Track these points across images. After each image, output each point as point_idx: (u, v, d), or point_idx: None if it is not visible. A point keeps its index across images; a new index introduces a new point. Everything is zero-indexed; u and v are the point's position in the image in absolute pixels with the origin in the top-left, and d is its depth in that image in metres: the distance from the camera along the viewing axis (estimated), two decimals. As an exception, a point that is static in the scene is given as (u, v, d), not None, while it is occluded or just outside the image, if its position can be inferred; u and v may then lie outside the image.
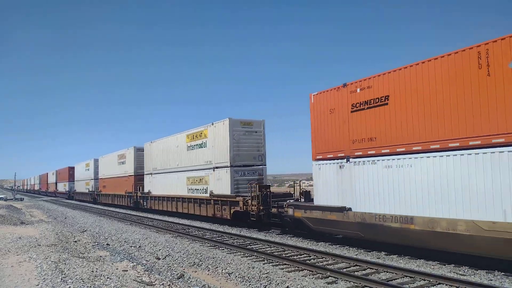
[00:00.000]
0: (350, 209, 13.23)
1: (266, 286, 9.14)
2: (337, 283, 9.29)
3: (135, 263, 11.01)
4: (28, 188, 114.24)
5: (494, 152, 9.57)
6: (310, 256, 12.18)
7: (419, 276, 9.37)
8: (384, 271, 10.07)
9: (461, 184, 10.15)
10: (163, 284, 8.64)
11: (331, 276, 9.73)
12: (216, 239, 16.07)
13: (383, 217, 12.02)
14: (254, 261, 11.69)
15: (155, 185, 30.03)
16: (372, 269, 10.33)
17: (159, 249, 13.98)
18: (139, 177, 33.33)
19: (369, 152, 12.80)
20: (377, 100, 12.70)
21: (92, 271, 9.30)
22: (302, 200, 16.70)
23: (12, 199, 57.64)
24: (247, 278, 9.77)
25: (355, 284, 9.07)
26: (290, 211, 16.01)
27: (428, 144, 11.09)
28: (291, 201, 16.95)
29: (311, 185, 16.68)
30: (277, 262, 11.49)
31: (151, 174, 30.76)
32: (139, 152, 33.57)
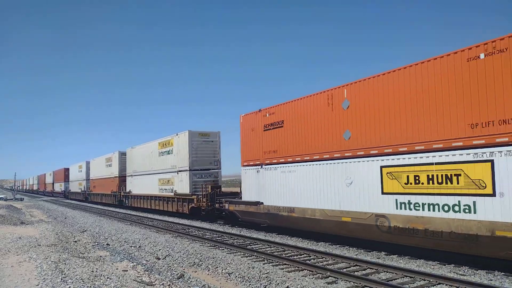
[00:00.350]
0: (262, 203, 17.58)
1: (266, 286, 9.14)
2: (337, 283, 9.29)
3: (135, 263, 11.01)
4: (27, 188, 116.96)
5: (325, 164, 14.34)
6: (310, 256, 12.18)
7: (419, 276, 9.37)
8: (384, 271, 10.07)
9: (318, 185, 14.69)
10: (163, 284, 8.64)
11: (331, 276, 9.73)
12: (216, 239, 16.08)
13: (279, 208, 16.57)
14: (254, 261, 11.70)
15: (134, 185, 34.11)
16: (372, 269, 10.33)
17: (159, 249, 13.98)
18: (122, 178, 37.21)
19: (273, 161, 17.12)
20: (277, 123, 17.07)
21: (92, 271, 9.31)
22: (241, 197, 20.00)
23: (12, 199, 57.67)
24: (247, 278, 9.77)
25: (355, 284, 9.07)
26: (227, 206, 20.63)
27: (303, 156, 15.40)
28: (228, 198, 21.23)
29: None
30: (277, 262, 11.50)
31: (131, 175, 34.77)
32: (122, 156, 37.31)
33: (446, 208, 10.48)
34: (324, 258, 11.82)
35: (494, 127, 9.66)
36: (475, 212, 9.88)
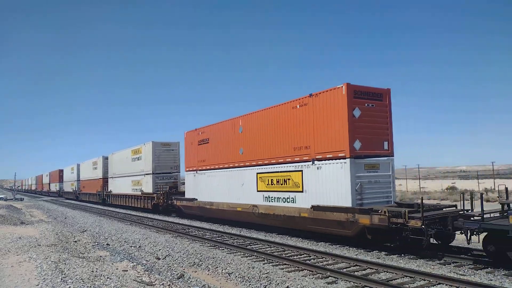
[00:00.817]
0: (196, 199, 23.49)
1: (266, 286, 9.14)
2: (337, 283, 9.29)
3: (135, 263, 11.01)
4: (26, 188, 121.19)
5: (230, 171, 20.15)
6: (310, 256, 12.18)
7: (419, 276, 9.37)
8: (384, 271, 10.07)
9: (226, 185, 20.50)
10: (163, 284, 8.64)
11: (331, 276, 9.73)
12: (216, 239, 16.08)
13: (205, 203, 22.29)
14: (254, 261, 11.70)
15: (114, 186, 39.97)
16: (372, 269, 10.33)
17: (159, 249, 13.98)
18: (105, 180, 42.71)
19: (203, 168, 23.04)
20: (205, 139, 23.00)
21: (92, 271, 9.30)
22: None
23: (12, 199, 57.63)
24: (247, 278, 9.77)
25: (355, 284, 9.07)
26: (175, 202, 26.58)
27: (219, 164, 21.24)
28: (178, 196, 26.92)
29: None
30: (277, 262, 11.50)
31: (112, 177, 40.53)
32: (105, 160, 42.90)
33: (283, 200, 16.24)
34: (324, 258, 11.82)
35: (302, 150, 15.29)
36: (294, 202, 15.55)
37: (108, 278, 8.78)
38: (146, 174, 31.10)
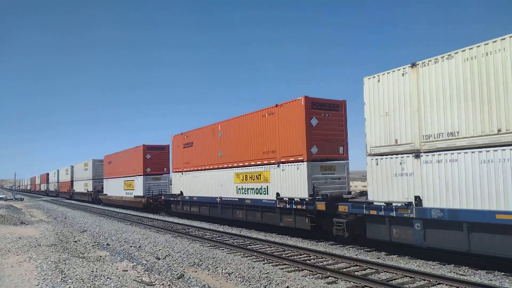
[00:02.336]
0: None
1: (266, 286, 9.14)
2: (337, 283, 9.29)
3: (135, 263, 11.01)
4: (23, 188, 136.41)
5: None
6: (310, 256, 12.18)
7: (419, 276, 9.37)
8: (384, 271, 10.07)
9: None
10: (163, 284, 8.63)
11: (331, 276, 9.73)
12: (216, 239, 16.08)
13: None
14: (254, 261, 11.69)
15: (76, 186, 50.59)
16: (372, 269, 10.33)
17: (159, 249, 13.98)
18: (72, 182, 53.56)
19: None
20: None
21: (92, 271, 9.30)
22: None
23: (12, 199, 57.60)
24: (247, 278, 9.76)
25: (355, 284, 9.07)
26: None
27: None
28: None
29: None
30: (277, 262, 11.50)
31: (75, 180, 51.47)
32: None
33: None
34: (324, 258, 11.82)
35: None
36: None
37: (108, 278, 8.78)
38: (90, 179, 47.61)
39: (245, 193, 19.14)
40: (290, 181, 16.11)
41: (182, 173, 26.17)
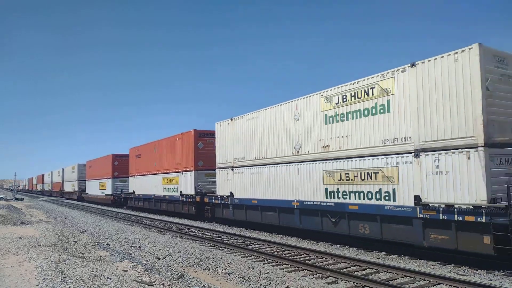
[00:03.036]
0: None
1: (266, 286, 9.14)
2: (337, 283, 9.29)
3: (135, 263, 11.01)
4: (22, 188, 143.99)
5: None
6: (310, 256, 12.18)
7: (419, 276, 9.37)
8: (384, 271, 10.08)
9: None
10: (163, 284, 8.63)
11: (331, 276, 9.73)
12: (216, 239, 16.08)
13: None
14: (254, 261, 11.69)
15: (66, 186, 61.31)
16: (372, 269, 10.33)
17: (159, 249, 13.98)
18: (80, 181, 56.21)
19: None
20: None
21: (92, 271, 9.30)
22: None
23: (12, 199, 57.59)
24: (247, 278, 9.77)
25: (355, 284, 9.07)
26: (83, 195, 45.89)
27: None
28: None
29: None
30: (277, 262, 11.50)
31: (65, 181, 61.80)
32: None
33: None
34: (324, 258, 11.82)
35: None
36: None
37: (108, 278, 8.78)
38: (76, 180, 55.75)
39: (166, 191, 27.74)
40: (187, 183, 24.51)
41: (134, 177, 34.61)
